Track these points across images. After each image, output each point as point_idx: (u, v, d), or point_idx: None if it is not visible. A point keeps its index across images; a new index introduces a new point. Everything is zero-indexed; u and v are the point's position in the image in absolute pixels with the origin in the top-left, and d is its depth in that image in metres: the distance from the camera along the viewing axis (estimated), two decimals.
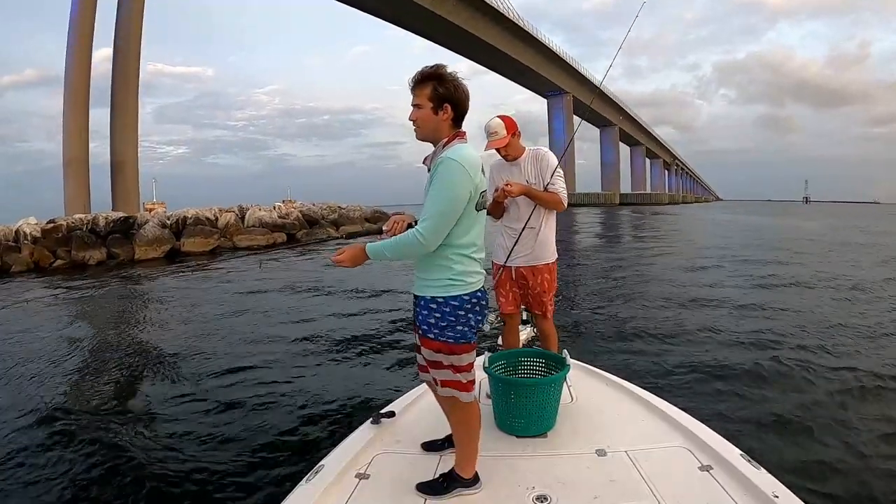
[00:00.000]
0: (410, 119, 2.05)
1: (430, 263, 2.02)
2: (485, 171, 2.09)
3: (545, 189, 3.22)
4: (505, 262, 3.27)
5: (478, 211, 2.04)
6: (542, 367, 2.87)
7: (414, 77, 2.01)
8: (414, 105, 2.02)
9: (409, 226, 2.06)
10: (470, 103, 2.05)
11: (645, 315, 8.51)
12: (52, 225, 19.93)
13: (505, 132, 3.14)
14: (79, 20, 32.15)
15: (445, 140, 2.02)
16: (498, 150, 3.21)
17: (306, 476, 2.21)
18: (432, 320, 2.02)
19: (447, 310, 2.00)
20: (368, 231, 29.91)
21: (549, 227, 3.30)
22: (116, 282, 14.72)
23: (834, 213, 72.67)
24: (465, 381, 2.07)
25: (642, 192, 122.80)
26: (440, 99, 1.98)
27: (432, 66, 2.01)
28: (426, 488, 2.07)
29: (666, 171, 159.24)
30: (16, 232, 18.92)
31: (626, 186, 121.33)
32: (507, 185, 3.12)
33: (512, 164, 3.26)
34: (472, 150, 2.02)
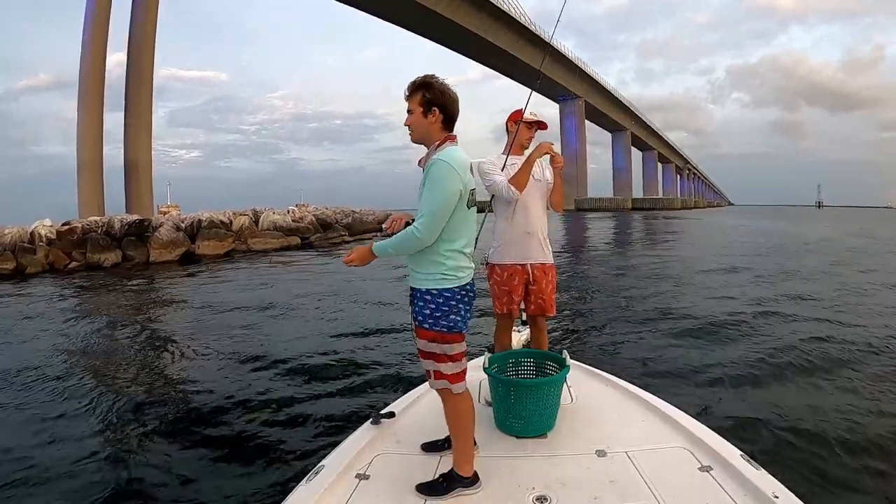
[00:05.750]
0: (406, 124, 2.23)
1: (424, 260, 2.16)
2: (474, 171, 2.26)
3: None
4: (523, 262, 3.21)
5: (468, 208, 2.20)
6: (542, 367, 2.89)
7: (407, 87, 2.22)
8: (408, 111, 2.21)
9: (407, 223, 2.22)
10: (459, 108, 2.23)
11: (647, 317, 8.53)
12: (67, 227, 20.03)
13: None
14: (93, 24, 32.57)
15: (437, 143, 2.18)
16: (530, 128, 3.27)
17: (306, 476, 2.22)
18: (427, 311, 2.14)
19: (440, 301, 2.14)
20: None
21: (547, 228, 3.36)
22: (133, 282, 14.88)
23: (848, 217, 72.01)
24: (457, 371, 2.17)
25: (654, 196, 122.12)
26: (428, 103, 2.17)
27: (423, 76, 2.21)
28: (426, 489, 2.09)
29: (678, 176, 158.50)
30: (31, 233, 19.03)
31: (637, 191, 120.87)
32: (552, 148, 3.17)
33: (519, 157, 3.24)
34: (462, 152, 2.18)
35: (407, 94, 2.22)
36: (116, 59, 39.44)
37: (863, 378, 5.35)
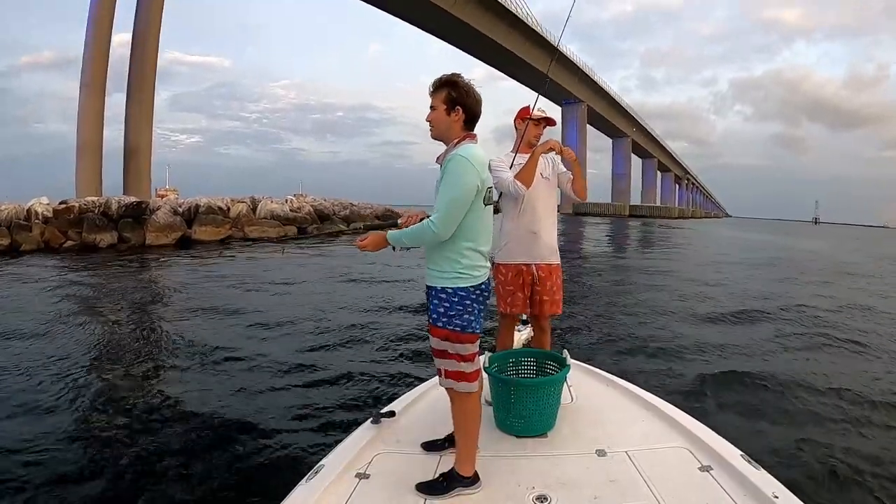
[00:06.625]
0: (427, 119, 2.24)
1: (440, 257, 2.16)
2: (491, 168, 2.25)
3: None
4: (529, 262, 3.19)
5: (485, 205, 2.20)
6: (542, 367, 2.88)
7: (432, 83, 2.22)
8: (431, 107, 2.22)
9: (422, 219, 2.22)
10: (482, 109, 2.24)
11: (646, 317, 8.63)
12: (64, 206, 19.97)
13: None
14: (99, 4, 32.14)
15: (457, 140, 2.18)
16: (538, 125, 3.26)
17: (306, 476, 2.21)
18: (441, 309, 2.14)
19: (455, 299, 2.14)
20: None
21: (555, 228, 3.35)
22: (128, 263, 14.87)
23: (847, 236, 72.31)
24: (469, 371, 2.17)
25: (652, 204, 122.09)
26: (453, 102, 2.17)
27: (449, 74, 2.22)
28: (426, 488, 2.09)
29: (677, 185, 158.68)
30: (27, 211, 18.94)
31: (636, 198, 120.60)
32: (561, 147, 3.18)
33: (526, 156, 3.21)
34: (480, 149, 2.19)
35: (431, 90, 2.22)
36: (120, 39, 39.11)
37: (861, 378, 5.42)
